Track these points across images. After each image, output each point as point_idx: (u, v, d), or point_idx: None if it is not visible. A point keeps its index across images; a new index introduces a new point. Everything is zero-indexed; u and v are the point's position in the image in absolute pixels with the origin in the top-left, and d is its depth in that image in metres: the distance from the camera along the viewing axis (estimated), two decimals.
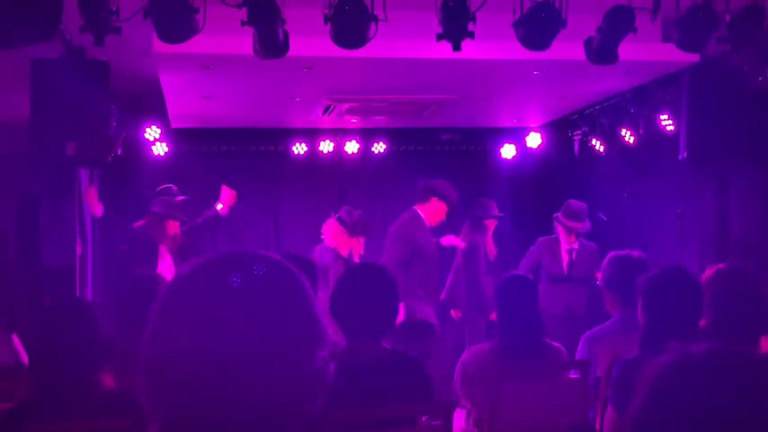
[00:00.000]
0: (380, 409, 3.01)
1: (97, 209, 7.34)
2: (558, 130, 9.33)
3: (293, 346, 1.25)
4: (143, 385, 1.24)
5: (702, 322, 3.37)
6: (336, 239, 7.31)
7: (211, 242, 8.52)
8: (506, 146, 9.65)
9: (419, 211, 6.87)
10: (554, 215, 7.29)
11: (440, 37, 4.72)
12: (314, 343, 1.28)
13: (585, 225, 7.13)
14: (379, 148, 9.30)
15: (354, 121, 8.60)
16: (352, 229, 7.37)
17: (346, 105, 7.58)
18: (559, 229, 7.23)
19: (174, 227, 7.28)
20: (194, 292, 1.26)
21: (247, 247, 1.40)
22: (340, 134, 9.14)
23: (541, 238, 7.39)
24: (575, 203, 7.17)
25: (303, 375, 1.25)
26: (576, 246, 7.17)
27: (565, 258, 7.19)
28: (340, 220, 7.42)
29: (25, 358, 4.15)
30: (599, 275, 4.51)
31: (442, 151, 9.79)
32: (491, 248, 7.57)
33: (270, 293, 1.26)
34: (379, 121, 8.64)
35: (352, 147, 9.18)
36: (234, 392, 1.18)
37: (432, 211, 6.84)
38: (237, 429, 1.20)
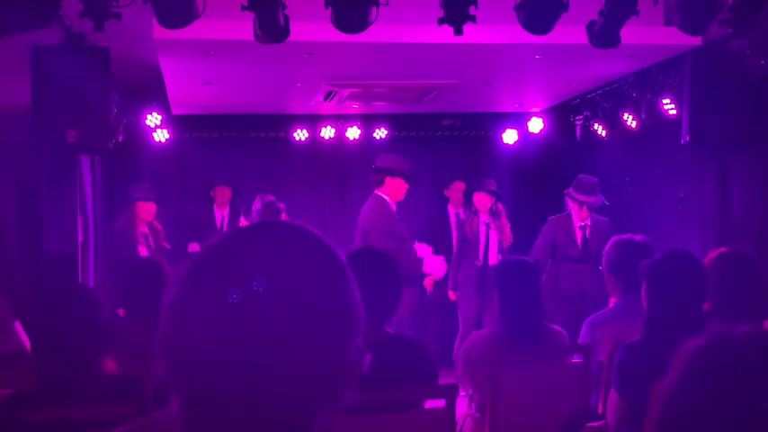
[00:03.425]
0: (384, 393, 3.01)
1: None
2: (560, 114, 9.31)
3: (328, 335, 1.15)
4: (161, 368, 1.14)
5: (705, 306, 3.37)
6: None
7: (218, 229, 8.53)
8: (508, 131, 9.63)
9: (381, 195, 6.88)
10: (565, 191, 7.17)
11: (441, 21, 4.70)
12: (349, 332, 1.18)
13: (598, 199, 7.03)
14: (380, 133, 9.29)
15: (356, 107, 8.57)
16: (259, 217, 7.49)
17: (347, 91, 7.55)
18: (571, 205, 7.11)
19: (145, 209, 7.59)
20: (222, 270, 1.14)
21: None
22: (341, 120, 9.11)
23: (552, 217, 7.23)
24: (585, 177, 7.09)
25: (335, 367, 1.15)
26: (588, 221, 7.07)
27: (578, 234, 7.06)
28: (244, 214, 7.69)
29: (28, 344, 4.16)
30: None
31: (443, 137, 9.78)
32: (506, 234, 7.54)
33: (307, 272, 1.16)
34: (381, 106, 8.62)
35: (353, 132, 9.16)
36: (259, 379, 1.10)
37: (391, 191, 6.86)
38: (260, 415, 1.11)
